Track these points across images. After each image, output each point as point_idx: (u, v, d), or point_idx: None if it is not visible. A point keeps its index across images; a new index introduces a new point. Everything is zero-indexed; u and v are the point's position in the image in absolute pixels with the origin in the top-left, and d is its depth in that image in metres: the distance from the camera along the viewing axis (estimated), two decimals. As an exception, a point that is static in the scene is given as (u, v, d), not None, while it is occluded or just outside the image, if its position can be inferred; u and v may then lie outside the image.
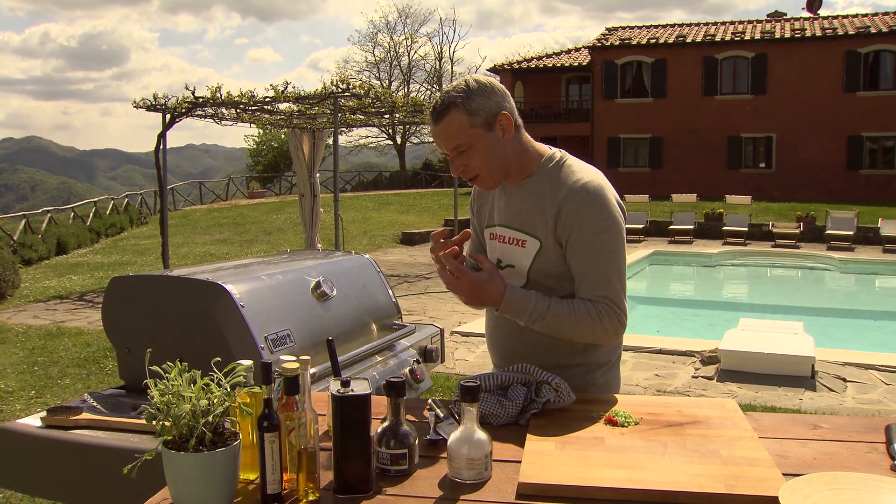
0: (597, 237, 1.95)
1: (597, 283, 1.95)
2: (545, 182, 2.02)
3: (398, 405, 1.53)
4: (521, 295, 1.94)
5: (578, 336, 1.97)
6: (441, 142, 1.97)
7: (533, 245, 2.02)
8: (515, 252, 2.07)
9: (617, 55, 30.43)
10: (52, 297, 11.35)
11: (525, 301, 1.93)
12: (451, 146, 1.95)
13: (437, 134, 1.97)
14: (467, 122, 1.93)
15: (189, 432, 1.39)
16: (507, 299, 1.92)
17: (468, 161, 1.97)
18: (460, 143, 1.94)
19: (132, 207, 24.51)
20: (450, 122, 1.93)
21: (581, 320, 1.93)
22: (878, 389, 6.06)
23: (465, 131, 1.93)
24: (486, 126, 1.95)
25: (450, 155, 1.98)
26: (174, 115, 11.41)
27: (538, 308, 1.93)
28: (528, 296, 1.94)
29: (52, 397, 6.02)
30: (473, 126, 1.93)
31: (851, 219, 17.87)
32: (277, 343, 2.60)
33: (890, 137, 27.30)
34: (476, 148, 1.95)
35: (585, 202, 1.95)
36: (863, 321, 10.97)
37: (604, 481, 1.44)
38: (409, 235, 19.01)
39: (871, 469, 1.54)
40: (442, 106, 1.93)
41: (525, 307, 1.93)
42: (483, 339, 7.96)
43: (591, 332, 1.95)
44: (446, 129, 1.94)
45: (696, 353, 7.05)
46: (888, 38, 27.18)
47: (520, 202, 2.06)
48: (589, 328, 1.94)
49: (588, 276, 1.96)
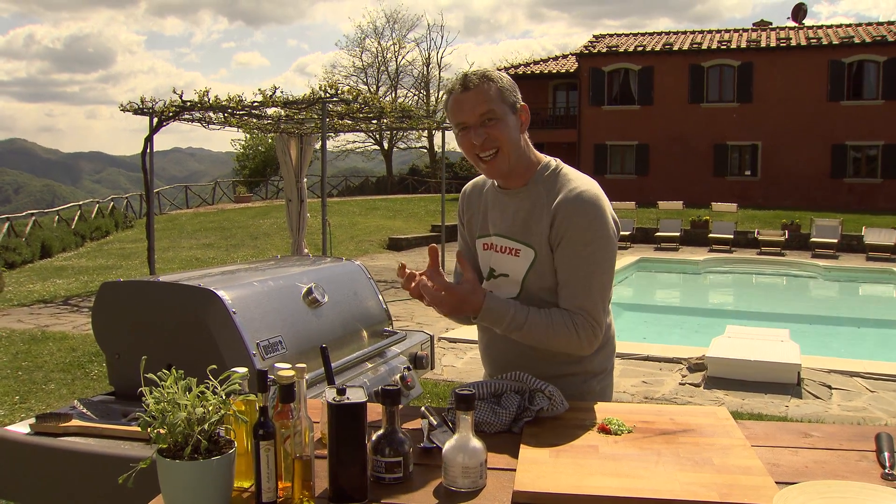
0: (585, 248, 1.95)
1: (577, 293, 1.95)
2: (541, 191, 2.03)
3: (393, 413, 1.53)
4: (500, 304, 1.94)
5: (554, 346, 1.98)
6: (469, 107, 1.95)
7: (527, 254, 2.02)
8: (510, 262, 2.06)
9: (604, 62, 30.58)
10: (37, 300, 11.25)
11: (503, 310, 1.94)
12: (479, 111, 1.94)
13: (466, 99, 1.95)
14: (499, 95, 1.95)
15: (184, 440, 1.39)
16: (486, 308, 1.92)
17: (492, 131, 1.96)
18: (492, 108, 1.94)
19: (118, 211, 24.35)
20: (485, 89, 1.94)
21: (557, 332, 1.94)
22: (863, 397, 6.11)
23: (497, 101, 1.95)
24: (512, 108, 1.98)
25: (472, 124, 1.96)
26: (161, 119, 11.36)
27: (516, 318, 1.94)
28: (506, 305, 1.95)
29: (37, 403, 5.96)
30: (504, 101, 1.96)
31: (836, 227, 18.01)
32: (269, 350, 2.60)
33: (873, 146, 27.56)
34: (502, 122, 1.96)
35: (579, 211, 1.95)
36: (847, 328, 11.05)
37: (599, 489, 1.45)
38: (396, 241, 18.99)
39: (862, 477, 1.55)
40: (477, 76, 1.96)
41: (503, 316, 1.94)
42: (471, 345, 7.95)
43: (567, 343, 1.96)
44: (480, 94, 1.94)
45: (682, 360, 7.09)
46: (871, 49, 27.46)
47: (514, 211, 2.06)
48: (565, 339, 1.95)
49: (570, 284, 1.96)
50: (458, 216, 2.30)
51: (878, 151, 27.49)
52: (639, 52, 30.15)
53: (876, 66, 27.51)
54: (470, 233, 2.23)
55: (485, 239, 2.15)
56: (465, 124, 1.97)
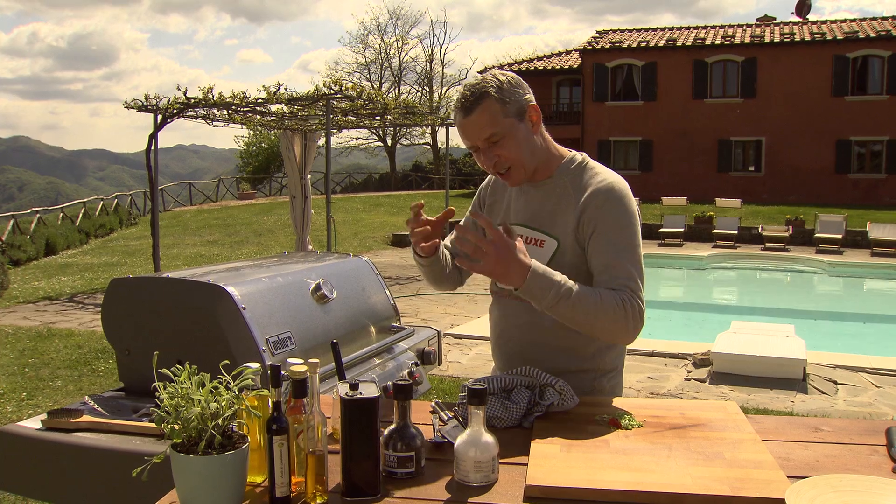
0: (620, 232, 1.93)
1: (619, 273, 1.89)
2: (567, 183, 2.02)
3: (405, 408, 1.54)
4: (547, 270, 1.82)
5: (600, 323, 1.85)
6: (472, 133, 1.93)
7: (551, 245, 2.01)
8: (533, 252, 2.02)
9: (607, 58, 30.52)
10: (42, 298, 11.29)
11: (551, 277, 1.81)
12: (483, 136, 1.92)
13: (468, 125, 1.93)
14: (500, 111, 1.91)
15: (198, 435, 1.39)
16: (534, 272, 1.78)
17: (501, 152, 1.94)
18: (494, 131, 1.92)
19: (122, 208, 24.42)
20: (483, 110, 1.90)
21: (606, 307, 1.83)
22: (869, 392, 6.11)
23: (498, 120, 1.91)
24: (517, 116, 1.94)
25: (481, 147, 1.95)
26: (166, 116, 11.38)
27: (565, 285, 1.81)
28: (553, 273, 1.82)
29: (44, 399, 5.99)
30: (506, 115, 1.92)
31: (840, 222, 17.97)
32: (278, 345, 2.60)
33: (878, 141, 27.49)
34: (509, 138, 1.93)
35: (610, 200, 1.95)
36: (852, 324, 11.05)
37: (611, 483, 1.45)
38: (399, 237, 19.00)
39: (873, 471, 1.55)
40: (473, 96, 1.90)
41: (551, 284, 1.80)
42: (476, 341, 7.96)
43: (614, 319, 1.84)
44: (480, 118, 1.90)
45: (688, 355, 7.09)
46: (876, 43, 27.37)
47: (539, 202, 2.05)
48: (612, 314, 1.83)
49: (611, 267, 1.90)
50: (478, 199, 2.25)
51: (883, 146, 27.42)
52: (642, 47, 30.09)
53: (881, 61, 27.43)
54: (490, 216, 2.18)
55: None
56: (475, 147, 1.96)
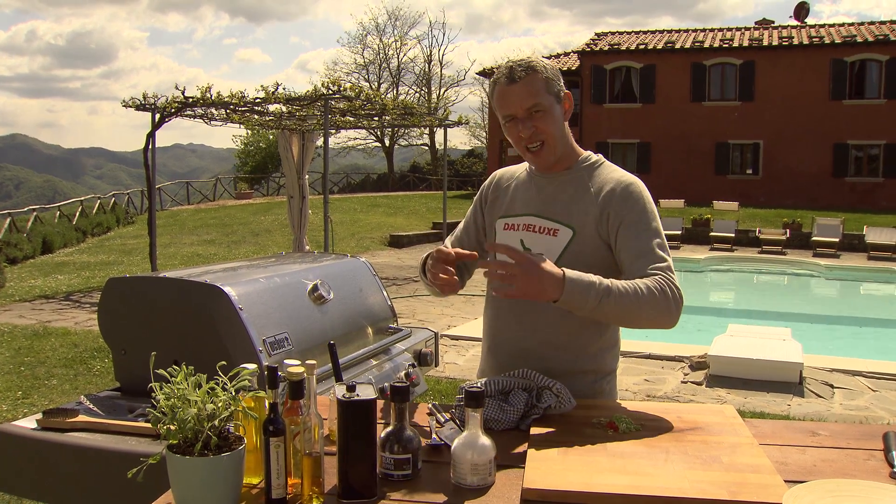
0: (649, 223, 1.97)
1: (654, 259, 1.91)
2: (584, 177, 2.06)
3: (402, 410, 1.53)
4: (581, 274, 1.78)
5: (645, 313, 1.83)
6: (516, 101, 1.96)
7: (565, 234, 2.01)
8: (545, 241, 2.03)
9: (606, 60, 30.55)
10: (38, 296, 11.26)
11: (587, 279, 1.78)
12: (527, 105, 1.96)
13: (513, 92, 1.96)
14: (544, 87, 1.97)
15: (194, 436, 1.39)
16: (569, 279, 1.75)
17: (539, 124, 1.98)
18: (538, 101, 1.96)
19: (119, 207, 24.38)
20: (531, 81, 1.96)
21: (647, 294, 1.82)
22: (866, 396, 6.11)
23: (542, 94, 1.97)
24: (556, 98, 2.00)
25: (520, 116, 1.97)
26: (164, 115, 11.37)
27: (602, 284, 1.79)
28: (586, 274, 1.79)
29: (40, 398, 5.97)
30: (549, 92, 1.98)
31: (837, 226, 18.01)
32: (275, 346, 2.60)
33: (875, 145, 27.53)
34: (548, 113, 1.98)
35: (634, 194, 2.00)
36: (849, 327, 11.06)
37: (608, 487, 1.45)
38: (397, 238, 18.99)
39: (870, 476, 1.55)
40: (522, 68, 1.96)
41: (589, 286, 1.77)
42: (472, 342, 7.94)
43: (657, 306, 1.83)
44: (528, 86, 1.95)
45: (685, 358, 7.09)
46: (874, 48, 27.42)
47: (553, 192, 2.07)
48: (654, 302, 1.83)
49: (644, 255, 1.92)
50: (480, 197, 2.26)
51: (880, 150, 27.47)
52: (641, 50, 30.11)
53: (878, 66, 27.48)
54: (490, 213, 2.21)
55: (511, 219, 2.13)
56: (513, 116, 1.99)
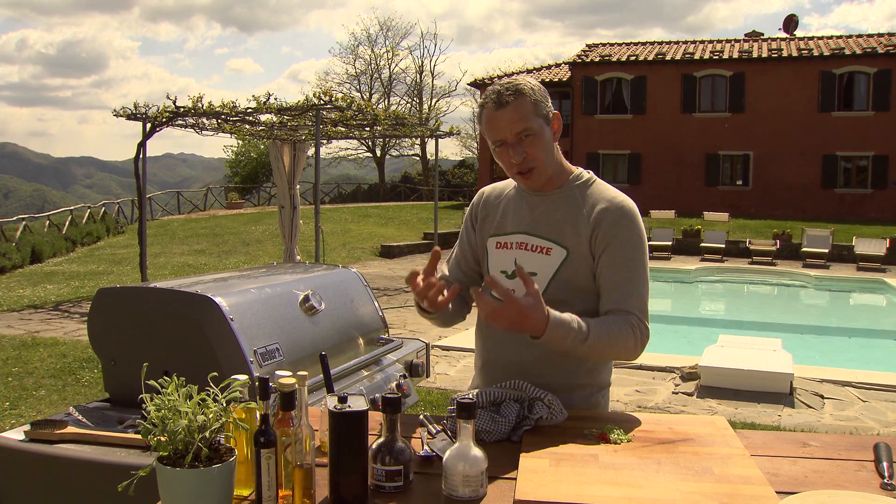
0: (633, 251, 1.98)
1: (629, 294, 1.97)
2: (576, 195, 2.04)
3: (394, 421, 1.53)
4: (564, 318, 1.86)
5: (611, 353, 1.97)
6: (505, 126, 1.94)
7: (559, 254, 2.01)
8: (538, 259, 2.03)
9: (597, 71, 30.69)
10: (27, 306, 11.19)
11: (568, 324, 1.86)
12: (516, 130, 1.94)
13: (502, 118, 1.94)
14: (533, 110, 1.95)
15: (185, 448, 1.38)
16: (552, 324, 1.82)
17: (529, 150, 1.96)
18: (527, 126, 1.94)
19: (109, 216, 24.26)
20: (519, 106, 1.93)
21: (617, 338, 1.93)
22: (856, 406, 6.13)
23: (531, 118, 1.95)
24: (545, 120, 1.98)
25: (510, 141, 1.96)
26: (155, 125, 11.35)
27: (581, 331, 1.87)
28: (568, 319, 1.86)
29: (28, 409, 5.93)
30: (538, 115, 1.96)
31: (826, 237, 18.10)
32: (266, 357, 2.59)
33: (863, 157, 27.73)
34: (538, 137, 1.96)
35: (624, 217, 1.99)
36: (838, 338, 11.09)
37: (601, 499, 1.45)
38: (388, 248, 18.98)
39: (861, 487, 1.55)
40: (510, 91, 1.94)
41: (569, 332, 1.85)
42: (463, 353, 7.92)
43: (625, 347, 1.95)
44: (516, 111, 1.93)
45: (675, 369, 7.10)
46: (862, 60, 27.65)
47: (546, 211, 2.05)
48: (623, 343, 1.94)
49: (622, 286, 1.97)
50: (470, 215, 2.24)
51: (869, 162, 27.66)
52: (631, 61, 30.27)
53: (866, 78, 27.71)
54: (482, 232, 2.18)
55: (502, 237, 2.11)
56: (503, 141, 1.97)
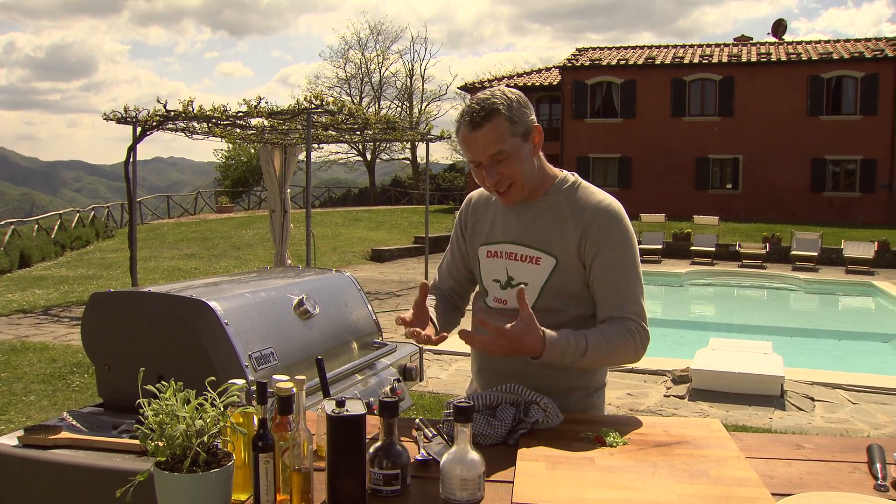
0: (625, 253, 1.97)
1: (626, 298, 1.96)
2: (562, 202, 2.02)
3: (391, 425, 1.53)
4: (560, 337, 1.86)
5: (613, 361, 1.97)
6: (478, 148, 1.91)
7: (548, 263, 2.00)
8: (528, 269, 2.02)
9: (587, 75, 30.78)
10: (16, 311, 11.13)
11: (565, 342, 1.86)
12: (489, 152, 1.91)
13: (475, 140, 1.91)
14: (508, 130, 1.91)
15: (183, 453, 1.38)
16: (549, 345, 1.83)
17: (504, 170, 1.93)
18: (501, 149, 1.91)
19: (98, 220, 24.14)
20: (493, 127, 1.89)
21: (617, 346, 1.92)
22: (846, 408, 6.16)
23: (506, 139, 1.91)
24: (522, 136, 1.94)
25: (484, 163, 1.93)
26: (145, 128, 11.31)
27: (578, 346, 1.87)
28: (565, 336, 1.87)
29: (17, 414, 5.89)
30: (514, 135, 1.92)
31: (816, 240, 18.20)
32: (261, 361, 2.58)
33: (852, 160, 27.90)
34: (514, 157, 1.93)
35: (612, 220, 1.98)
36: (828, 341, 11.15)
37: (597, 502, 1.45)
38: (378, 252, 18.96)
39: (855, 489, 1.56)
40: (484, 111, 1.89)
41: (566, 348, 1.86)
42: (455, 356, 7.92)
43: (626, 353, 1.94)
44: (489, 134, 1.89)
45: (667, 372, 7.12)
46: (850, 65, 27.84)
47: (532, 220, 2.03)
48: (624, 351, 1.93)
49: (619, 290, 1.96)
50: (459, 222, 2.23)
51: (857, 166, 27.84)
52: (621, 65, 30.37)
53: (854, 82, 27.89)
54: (472, 240, 2.17)
55: (493, 246, 2.09)
56: (478, 162, 1.94)
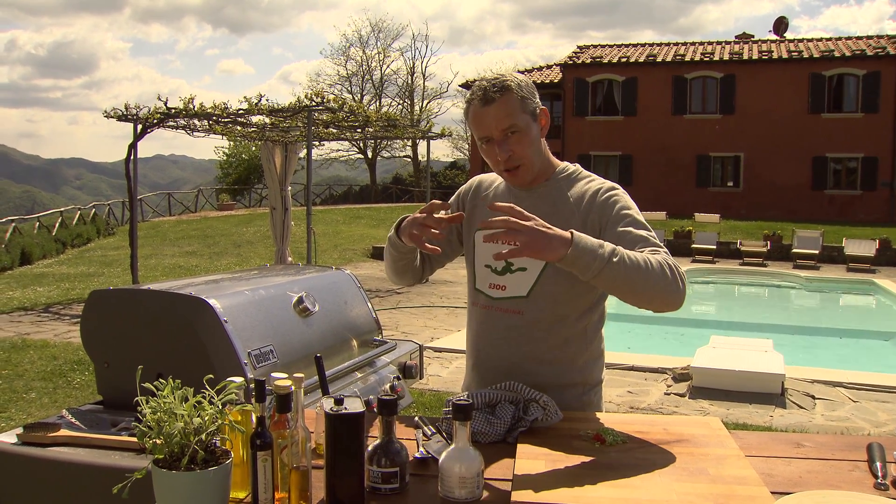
0: (635, 218, 1.95)
1: (650, 245, 1.88)
2: (563, 189, 2.04)
3: (390, 423, 1.52)
4: (589, 236, 1.74)
5: (650, 285, 1.78)
6: (491, 123, 1.92)
7: None
8: None
9: (588, 73, 30.76)
10: (16, 308, 11.13)
11: (595, 240, 1.73)
12: (502, 126, 1.92)
13: (488, 114, 1.91)
14: (520, 106, 1.93)
15: (181, 451, 1.38)
16: (578, 236, 1.70)
17: (515, 147, 1.94)
18: (514, 123, 1.92)
19: (99, 218, 24.16)
20: (505, 102, 1.91)
21: (650, 261, 1.78)
22: (846, 406, 6.16)
23: (518, 114, 1.92)
24: (532, 115, 1.96)
25: (496, 138, 1.93)
26: (146, 126, 11.31)
27: (610, 246, 1.74)
28: (594, 238, 1.75)
29: (18, 412, 5.89)
30: (524, 111, 1.94)
31: (817, 238, 18.19)
32: (260, 359, 2.58)
33: (853, 158, 27.89)
34: (524, 134, 1.94)
35: (610, 194, 2.00)
36: (829, 338, 11.14)
37: (596, 500, 1.45)
38: (379, 250, 18.95)
39: (855, 487, 1.56)
40: (496, 87, 1.91)
41: (598, 245, 1.72)
42: (456, 354, 7.93)
43: (665, 279, 1.80)
44: (503, 107, 1.90)
45: (667, 369, 7.12)
46: (851, 62, 27.83)
47: (532, 206, 1.97)
48: (662, 275, 1.79)
49: (638, 242, 1.88)
50: (458, 199, 2.21)
51: (858, 163, 27.83)
52: (623, 63, 30.36)
53: (856, 80, 27.87)
54: (468, 223, 2.16)
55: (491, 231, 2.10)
56: (489, 138, 1.95)
